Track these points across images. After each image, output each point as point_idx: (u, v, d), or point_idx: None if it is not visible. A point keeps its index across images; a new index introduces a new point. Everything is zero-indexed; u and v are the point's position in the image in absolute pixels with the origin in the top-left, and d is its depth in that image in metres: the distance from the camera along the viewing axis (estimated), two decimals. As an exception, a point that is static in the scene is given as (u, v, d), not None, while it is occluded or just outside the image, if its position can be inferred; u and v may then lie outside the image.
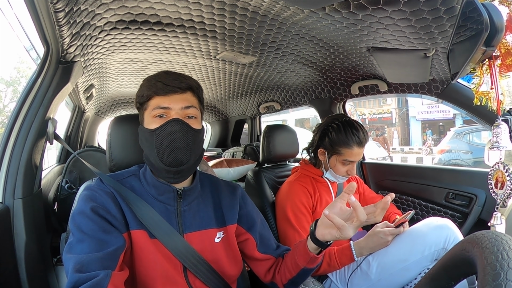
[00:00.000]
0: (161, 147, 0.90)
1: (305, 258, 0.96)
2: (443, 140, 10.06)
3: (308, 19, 1.22)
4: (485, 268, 0.47)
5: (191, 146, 0.92)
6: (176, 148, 0.90)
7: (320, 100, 2.45)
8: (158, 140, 0.90)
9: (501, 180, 1.06)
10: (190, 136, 0.91)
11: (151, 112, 0.92)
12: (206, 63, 1.89)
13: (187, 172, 0.97)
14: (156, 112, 0.91)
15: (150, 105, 0.93)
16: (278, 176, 1.90)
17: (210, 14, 1.21)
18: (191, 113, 0.94)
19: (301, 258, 0.97)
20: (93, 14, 1.12)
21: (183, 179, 0.97)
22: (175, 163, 0.90)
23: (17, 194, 1.16)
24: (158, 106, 0.91)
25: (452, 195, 1.85)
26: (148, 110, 0.94)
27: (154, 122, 0.92)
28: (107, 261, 0.77)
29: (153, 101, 0.92)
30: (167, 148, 0.89)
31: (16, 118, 1.20)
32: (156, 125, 0.91)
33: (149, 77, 0.96)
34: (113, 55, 1.61)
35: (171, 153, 0.90)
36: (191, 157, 0.93)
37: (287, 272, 1.02)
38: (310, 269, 0.99)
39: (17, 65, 19.43)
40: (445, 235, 1.33)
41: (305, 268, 0.98)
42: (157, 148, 0.90)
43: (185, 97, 0.94)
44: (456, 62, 1.16)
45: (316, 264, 0.98)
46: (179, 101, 0.92)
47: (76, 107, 2.44)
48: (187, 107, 0.93)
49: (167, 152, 0.89)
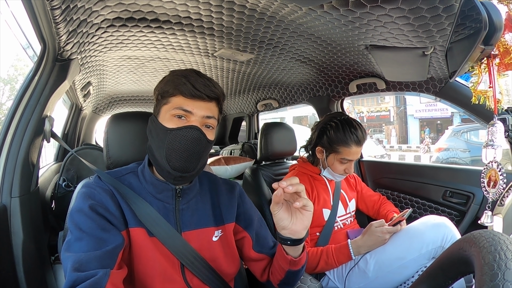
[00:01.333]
0: (172, 149, 0.88)
1: (285, 261, 0.95)
2: (441, 139, 10.08)
3: (306, 16, 1.21)
4: (482, 268, 0.46)
5: (200, 155, 0.91)
6: (187, 155, 0.88)
7: (318, 98, 2.45)
8: (172, 141, 0.87)
9: (494, 179, 1.06)
10: (203, 146, 0.90)
11: (171, 110, 0.89)
12: (204, 61, 1.88)
13: (189, 179, 0.96)
14: (176, 112, 0.89)
15: (172, 102, 0.90)
16: (276, 174, 1.90)
17: (208, 11, 1.21)
18: (210, 123, 0.93)
19: (282, 261, 0.97)
20: (90, 12, 1.11)
21: (182, 183, 0.96)
22: (181, 169, 0.89)
23: (14, 193, 1.15)
24: (181, 107, 0.89)
25: (449, 194, 1.86)
26: (168, 106, 0.90)
27: (171, 121, 0.89)
28: (106, 260, 0.76)
29: (176, 100, 0.90)
30: (177, 152, 0.88)
31: (13, 116, 1.19)
32: (173, 125, 0.88)
33: (177, 72, 0.93)
34: (110, 52, 1.60)
35: (180, 159, 0.88)
36: (198, 166, 0.92)
37: (277, 273, 1.02)
38: (297, 271, 0.99)
39: (14, 63, 19.39)
40: (442, 233, 1.33)
41: (289, 270, 0.97)
42: (167, 149, 0.88)
43: (209, 106, 0.92)
44: (455, 61, 1.16)
45: (300, 265, 0.98)
46: (203, 108, 0.90)
47: (74, 105, 2.44)
48: (209, 117, 0.91)
49: (176, 156, 0.88)
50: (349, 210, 1.74)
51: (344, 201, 1.73)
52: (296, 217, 0.85)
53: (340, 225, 1.66)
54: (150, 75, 2.19)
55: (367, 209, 1.91)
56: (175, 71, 0.94)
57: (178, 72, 0.92)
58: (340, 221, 1.67)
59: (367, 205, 1.89)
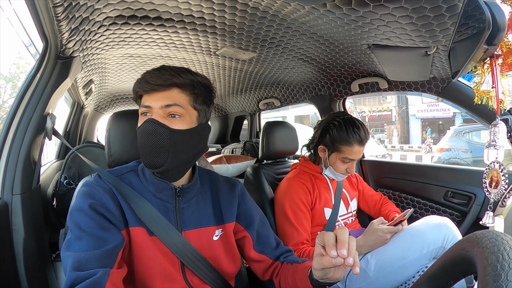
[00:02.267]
0: (141, 147, 0.89)
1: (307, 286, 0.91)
2: (443, 139, 10.05)
3: (308, 15, 1.21)
4: (485, 269, 0.46)
5: (168, 148, 0.86)
6: (149, 150, 0.87)
7: (320, 97, 2.45)
8: (139, 139, 0.89)
9: (495, 180, 1.06)
10: (165, 137, 0.86)
11: (141, 109, 0.91)
12: (206, 59, 1.88)
13: (173, 174, 0.94)
14: (141, 110, 0.90)
15: (142, 101, 0.91)
16: (277, 173, 1.90)
17: (210, 10, 1.20)
18: (174, 111, 0.88)
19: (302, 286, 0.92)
20: (92, 9, 1.11)
21: (173, 179, 0.94)
22: (151, 165, 0.88)
23: (16, 190, 1.15)
24: (143, 105, 0.90)
25: (451, 194, 1.86)
26: (141, 106, 0.91)
27: (140, 120, 0.91)
28: (106, 259, 0.76)
29: (143, 99, 0.91)
30: (143, 149, 0.88)
31: (15, 114, 1.20)
32: (139, 123, 0.90)
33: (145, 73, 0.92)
34: (112, 50, 1.60)
35: (146, 155, 0.88)
36: (168, 159, 0.87)
37: (288, 285, 0.99)
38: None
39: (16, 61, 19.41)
40: (443, 234, 1.33)
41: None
42: (139, 147, 0.90)
43: (168, 95, 0.88)
44: (457, 61, 1.16)
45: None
46: (159, 99, 0.87)
47: (75, 102, 2.44)
48: (168, 105, 0.87)
49: (143, 153, 0.89)
50: (350, 210, 1.73)
51: (346, 200, 1.73)
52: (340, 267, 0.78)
53: (342, 224, 1.66)
54: (152, 73, 2.18)
55: (368, 208, 1.91)
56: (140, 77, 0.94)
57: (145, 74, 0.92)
58: (341, 220, 1.67)
59: (369, 204, 1.89)
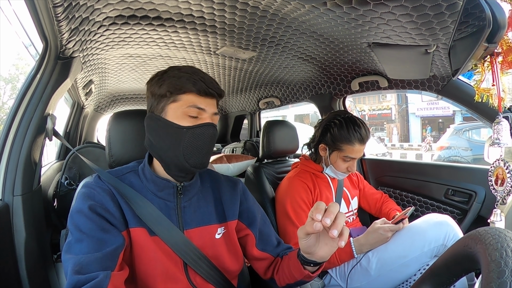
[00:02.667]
0: (191, 147, 0.88)
1: (300, 274, 0.93)
2: (443, 137, 10.06)
3: (308, 14, 1.21)
4: (489, 265, 0.46)
5: (211, 151, 0.95)
6: (205, 151, 0.90)
7: (320, 96, 2.45)
8: (190, 139, 0.87)
9: (501, 177, 1.06)
10: (214, 141, 0.94)
11: (184, 108, 0.88)
12: (206, 59, 1.88)
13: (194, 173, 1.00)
14: (190, 111, 0.88)
15: (184, 100, 0.88)
16: (278, 172, 1.90)
17: (210, 9, 1.20)
18: (216, 120, 0.95)
19: (296, 272, 0.94)
20: (92, 9, 1.11)
21: (186, 180, 0.97)
22: (200, 165, 0.90)
23: (17, 191, 1.15)
24: (195, 105, 0.88)
25: (451, 192, 1.86)
26: (179, 104, 0.88)
27: (184, 119, 0.88)
28: (107, 261, 0.76)
29: (189, 98, 0.88)
30: (197, 149, 0.88)
31: (15, 115, 1.20)
32: (188, 123, 0.88)
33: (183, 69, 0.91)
34: (112, 50, 1.60)
35: (199, 155, 0.89)
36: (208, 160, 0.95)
37: (285, 278, 1.00)
38: (308, 280, 0.98)
39: (16, 62, 19.43)
40: (444, 232, 1.33)
41: (302, 280, 0.96)
42: (186, 147, 0.88)
43: (214, 103, 0.94)
44: (457, 59, 1.16)
45: (313, 278, 0.97)
46: (212, 106, 0.92)
47: (75, 103, 2.44)
48: (215, 113, 0.94)
49: (196, 153, 0.89)
50: (351, 208, 1.73)
51: (347, 199, 1.73)
52: (325, 242, 0.80)
53: (342, 223, 1.66)
54: (152, 73, 2.16)
55: (369, 207, 1.91)
56: (176, 68, 0.92)
57: (184, 69, 0.91)
58: (342, 219, 1.66)
59: (369, 203, 1.89)
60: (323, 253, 0.81)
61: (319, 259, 0.84)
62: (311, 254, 0.83)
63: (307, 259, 0.86)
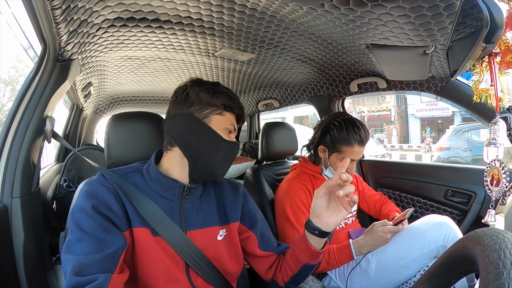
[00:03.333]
0: (224, 159, 0.96)
1: (307, 253, 0.96)
2: (442, 138, 10.07)
3: (307, 15, 1.21)
4: (487, 267, 0.46)
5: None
6: (230, 165, 1.01)
7: (319, 97, 2.45)
8: (227, 152, 0.96)
9: (497, 178, 1.06)
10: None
11: (226, 123, 0.97)
12: (205, 61, 1.88)
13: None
14: (229, 127, 0.98)
15: (228, 117, 0.98)
16: (277, 174, 1.90)
17: (208, 11, 1.20)
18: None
19: (302, 253, 0.97)
20: (90, 12, 1.11)
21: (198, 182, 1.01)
22: (223, 175, 1.00)
23: (15, 193, 1.15)
24: (232, 124, 0.99)
25: (451, 193, 1.86)
26: (223, 118, 0.97)
27: (224, 133, 0.97)
28: (107, 263, 0.76)
29: (228, 115, 0.99)
30: (228, 161, 0.98)
31: (14, 117, 1.19)
32: (226, 137, 0.97)
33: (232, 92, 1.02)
34: (111, 52, 1.60)
35: (227, 167, 0.99)
36: None
37: (288, 269, 1.02)
38: (312, 265, 0.99)
39: (15, 64, 19.42)
40: (444, 233, 1.33)
41: (307, 264, 0.98)
42: (222, 157, 0.96)
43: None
44: (456, 59, 1.16)
45: (318, 259, 0.99)
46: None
47: (74, 105, 2.44)
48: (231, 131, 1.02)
49: (225, 164, 0.98)
50: (350, 210, 1.73)
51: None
52: (333, 210, 0.91)
53: (342, 224, 1.66)
54: (151, 76, 2.19)
55: (368, 208, 1.91)
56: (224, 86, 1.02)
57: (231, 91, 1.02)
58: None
59: (369, 204, 1.89)
60: (329, 220, 0.91)
61: (324, 226, 0.91)
62: (318, 217, 0.91)
63: (313, 225, 0.92)
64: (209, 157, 0.94)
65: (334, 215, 0.91)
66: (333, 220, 0.90)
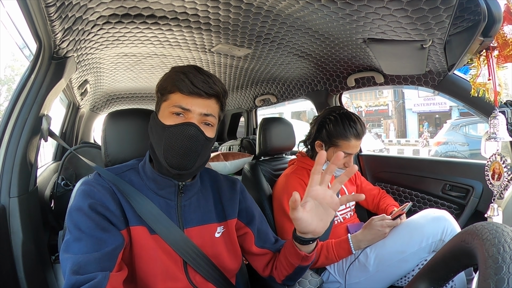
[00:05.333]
0: (169, 146, 0.87)
1: (298, 257, 0.95)
2: (440, 132, 10.07)
3: (303, 10, 1.20)
4: (486, 261, 0.46)
5: (199, 153, 0.89)
6: (183, 153, 0.87)
7: (316, 92, 2.44)
8: (168, 138, 0.86)
9: (498, 172, 1.06)
10: (201, 143, 0.89)
11: (170, 107, 0.89)
12: (201, 56, 1.87)
13: (188, 176, 0.96)
14: (174, 110, 0.88)
15: (171, 99, 0.89)
16: (275, 169, 1.90)
17: (204, 6, 1.19)
18: (209, 121, 0.91)
19: (293, 257, 0.96)
20: (85, 8, 1.10)
21: (183, 180, 0.95)
22: (178, 166, 0.88)
23: (13, 193, 1.15)
24: (179, 105, 0.87)
25: (449, 187, 1.86)
26: (167, 103, 0.90)
27: (169, 118, 0.88)
28: (105, 262, 0.76)
29: (175, 97, 0.89)
30: (174, 149, 0.86)
31: (10, 116, 1.19)
32: (170, 122, 0.88)
33: (177, 68, 0.91)
34: (106, 49, 1.59)
35: (177, 156, 0.87)
36: (196, 163, 0.90)
37: (283, 269, 1.02)
38: (305, 266, 0.99)
39: (11, 64, 19.27)
40: (442, 227, 1.33)
41: (300, 265, 0.97)
42: (164, 145, 0.87)
43: (208, 104, 0.91)
44: (453, 53, 1.16)
45: (310, 260, 0.98)
46: (201, 106, 0.89)
47: (71, 103, 2.43)
48: (207, 114, 0.90)
49: (173, 153, 0.87)
50: (348, 204, 1.74)
51: (344, 195, 1.72)
52: (321, 217, 0.83)
53: (340, 219, 1.67)
54: (147, 72, 2.18)
55: (366, 203, 1.91)
56: (175, 68, 0.92)
57: (177, 69, 0.91)
58: (340, 215, 1.67)
59: (367, 199, 1.89)
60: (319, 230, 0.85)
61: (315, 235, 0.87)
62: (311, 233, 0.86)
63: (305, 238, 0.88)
64: (157, 149, 0.89)
65: (322, 222, 0.84)
66: (323, 226, 0.84)
